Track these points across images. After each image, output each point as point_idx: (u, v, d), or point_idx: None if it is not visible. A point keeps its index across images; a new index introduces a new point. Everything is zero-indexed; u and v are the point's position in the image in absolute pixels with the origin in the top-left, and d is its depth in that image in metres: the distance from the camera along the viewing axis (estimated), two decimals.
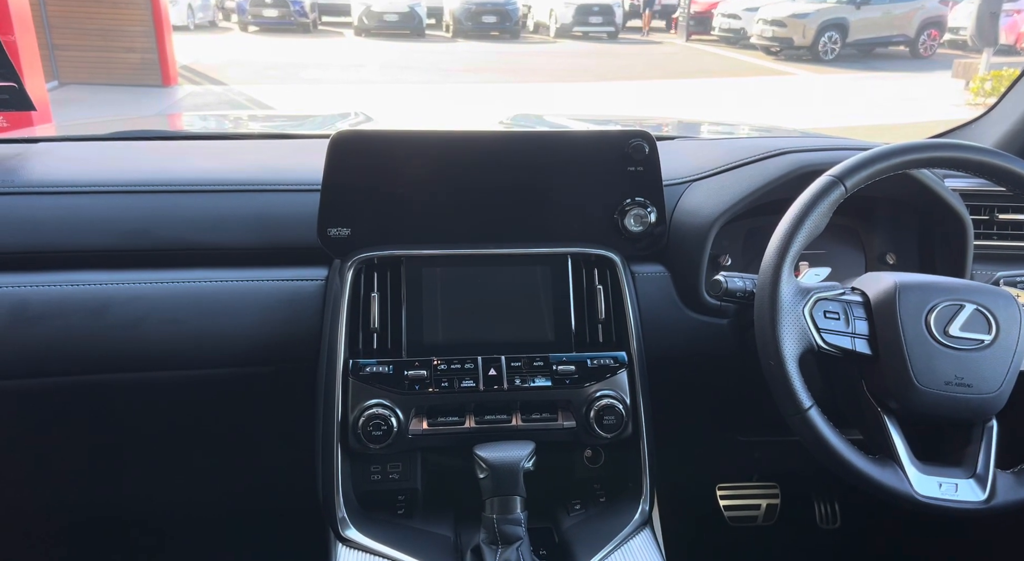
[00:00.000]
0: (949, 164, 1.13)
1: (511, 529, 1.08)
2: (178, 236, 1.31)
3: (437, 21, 20.82)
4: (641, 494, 1.23)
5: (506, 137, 1.32)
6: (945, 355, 1.06)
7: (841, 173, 1.10)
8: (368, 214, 1.27)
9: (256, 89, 11.20)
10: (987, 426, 1.10)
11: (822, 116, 9.85)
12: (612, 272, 1.30)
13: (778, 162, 1.37)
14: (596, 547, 1.15)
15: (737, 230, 1.43)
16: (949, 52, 16.21)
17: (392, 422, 1.16)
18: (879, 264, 1.49)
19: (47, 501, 1.58)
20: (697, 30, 20.25)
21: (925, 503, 1.04)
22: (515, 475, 1.09)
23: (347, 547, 1.14)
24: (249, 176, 1.39)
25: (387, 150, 1.27)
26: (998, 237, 1.54)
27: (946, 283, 1.12)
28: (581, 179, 1.32)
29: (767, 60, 16.29)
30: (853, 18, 15.82)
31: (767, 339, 1.07)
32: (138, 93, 10.75)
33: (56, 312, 1.21)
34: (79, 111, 9.21)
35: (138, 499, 1.64)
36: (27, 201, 1.29)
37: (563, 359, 1.24)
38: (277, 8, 18.68)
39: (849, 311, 1.11)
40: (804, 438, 1.07)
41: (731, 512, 1.99)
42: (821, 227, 1.10)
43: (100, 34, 11.01)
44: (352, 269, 1.24)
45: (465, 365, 1.21)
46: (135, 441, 1.41)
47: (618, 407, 1.21)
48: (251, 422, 1.40)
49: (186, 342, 1.25)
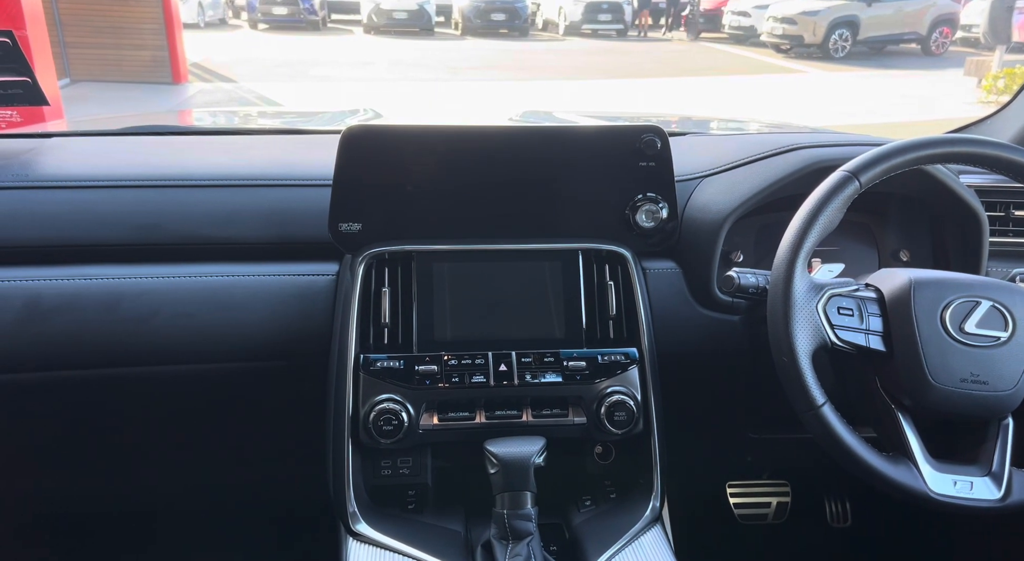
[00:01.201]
0: (965, 159, 1.12)
1: (521, 524, 1.08)
2: (190, 231, 1.31)
3: (446, 19, 20.84)
4: (652, 491, 1.23)
5: (517, 132, 1.32)
6: (960, 352, 1.05)
7: (855, 168, 1.09)
8: (379, 209, 1.27)
9: (266, 87, 11.24)
10: (1003, 424, 1.09)
11: (832, 114, 9.80)
12: (623, 268, 1.30)
13: (791, 158, 1.36)
14: (607, 543, 1.15)
15: (749, 226, 1.42)
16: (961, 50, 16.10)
17: (403, 417, 1.16)
18: (893, 261, 1.48)
19: (58, 494, 1.59)
20: (707, 28, 20.19)
21: (940, 501, 1.03)
22: (526, 470, 1.09)
23: (357, 541, 1.14)
24: (261, 171, 1.39)
25: (398, 145, 1.26)
26: (1014, 234, 1.53)
27: (961, 279, 1.11)
28: (592, 174, 1.31)
29: (777, 58, 16.22)
30: (864, 15, 15.73)
31: (780, 335, 1.06)
32: (149, 90, 10.80)
33: (69, 306, 1.22)
34: (91, 108, 9.25)
35: (148, 492, 1.64)
36: (40, 195, 1.30)
37: (574, 355, 1.23)
38: (287, 6, 18.75)
39: (863, 307, 1.10)
40: (817, 435, 1.06)
41: (741, 510, 1.98)
42: (835, 223, 1.10)
43: (111, 32, 11.06)
44: (363, 264, 1.24)
45: (475, 360, 1.21)
46: (146, 435, 1.42)
47: (629, 403, 1.20)
48: (262, 416, 1.40)
49: (198, 336, 1.26)
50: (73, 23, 10.87)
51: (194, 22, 17.34)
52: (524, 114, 2.28)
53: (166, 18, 11.17)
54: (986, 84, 10.51)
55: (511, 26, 19.36)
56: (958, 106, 10.11)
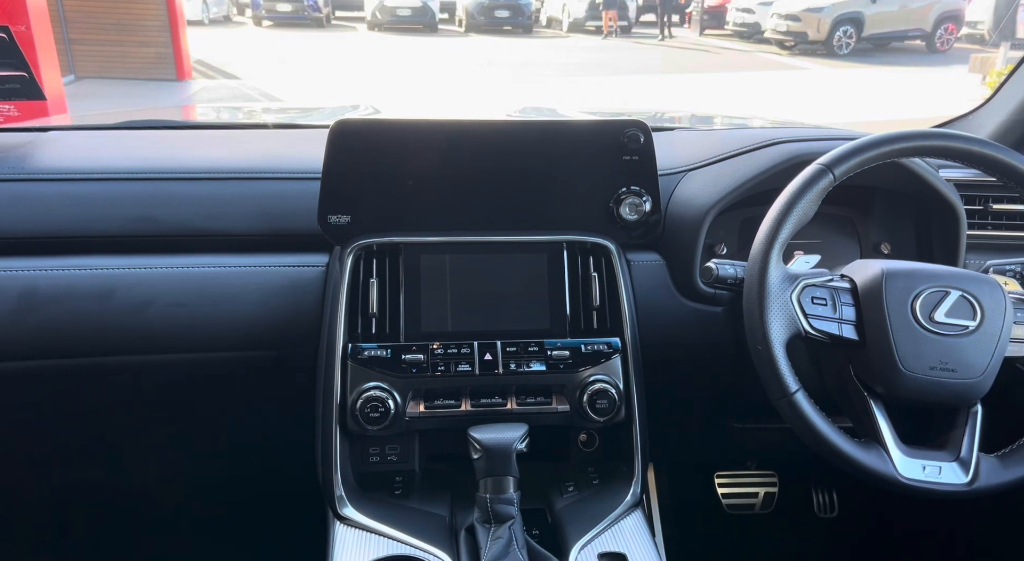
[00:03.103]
0: (937, 153, 1.14)
1: (503, 508, 1.10)
2: (183, 222, 1.34)
3: (450, 16, 20.84)
4: (633, 477, 1.26)
5: (503, 126, 1.34)
6: (930, 340, 1.08)
7: (829, 161, 1.12)
8: (367, 202, 1.30)
9: (269, 83, 11.27)
10: (972, 411, 1.12)
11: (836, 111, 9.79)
12: (607, 260, 1.33)
13: (770, 152, 1.38)
14: (587, 527, 1.18)
15: (732, 219, 1.45)
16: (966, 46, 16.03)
17: (390, 405, 1.19)
18: (874, 253, 1.50)
19: (49, 482, 1.62)
20: (711, 25, 20.16)
21: (908, 485, 1.06)
22: (508, 456, 1.11)
23: (345, 525, 1.17)
24: (252, 164, 1.42)
25: (386, 139, 1.29)
26: (992, 227, 1.55)
27: (932, 270, 1.14)
28: (577, 168, 1.34)
29: (782, 55, 16.19)
30: (868, 12, 15.68)
31: (755, 324, 1.09)
32: (153, 87, 10.84)
33: (64, 296, 1.25)
34: (95, 105, 9.29)
35: (139, 480, 1.67)
36: (36, 187, 1.33)
37: (558, 345, 1.26)
38: (291, 3, 18.78)
39: (836, 297, 1.13)
40: (790, 421, 1.09)
41: (729, 500, 2.01)
42: (810, 215, 1.12)
43: (116, 29, 11.11)
44: (352, 255, 1.27)
45: (462, 350, 1.24)
46: (138, 422, 1.44)
47: (611, 391, 1.23)
48: (253, 404, 1.43)
49: (190, 326, 1.29)
50: (78, 20, 10.92)
51: (198, 19, 17.38)
52: (524, 110, 2.31)
53: (170, 15, 11.22)
54: (991, 81, 10.46)
55: (515, 23, 19.36)
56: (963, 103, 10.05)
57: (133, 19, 11.14)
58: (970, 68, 12.12)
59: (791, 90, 11.85)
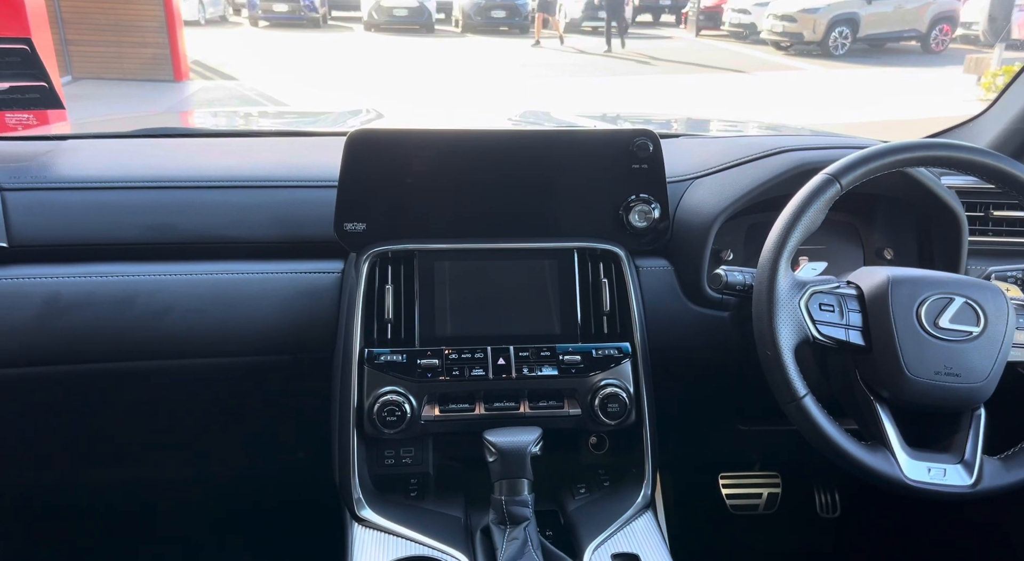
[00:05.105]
0: (940, 163, 1.17)
1: (519, 510, 1.12)
2: (201, 230, 1.36)
3: (447, 16, 20.84)
4: (644, 479, 1.28)
5: (516, 136, 1.37)
6: (935, 346, 1.11)
7: (836, 171, 1.15)
8: (382, 210, 1.32)
9: (267, 84, 11.27)
10: (975, 414, 1.14)
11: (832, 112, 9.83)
12: (617, 266, 1.35)
13: (777, 160, 1.41)
14: (600, 528, 1.20)
15: (739, 226, 1.47)
16: (961, 47, 16.12)
17: (405, 408, 1.21)
18: (877, 259, 1.53)
19: (71, 484, 1.64)
20: (707, 25, 20.20)
21: (914, 487, 1.09)
22: (523, 459, 1.13)
23: (362, 526, 1.20)
24: (268, 172, 1.44)
25: (401, 148, 1.31)
26: (993, 233, 1.58)
27: (937, 277, 1.16)
28: (587, 176, 1.36)
29: (777, 55, 16.24)
30: (864, 13, 15.76)
31: (764, 330, 1.11)
32: (150, 88, 10.83)
33: (86, 302, 1.27)
34: (93, 106, 9.27)
35: (158, 483, 1.69)
36: (58, 196, 1.35)
37: (569, 349, 1.29)
38: (287, 3, 18.77)
39: (843, 304, 1.15)
40: (799, 425, 1.12)
41: (733, 501, 2.03)
42: (818, 223, 1.15)
43: (113, 30, 11.09)
44: (367, 262, 1.30)
45: (475, 354, 1.27)
46: (158, 426, 1.46)
47: (622, 395, 1.25)
48: (271, 408, 1.45)
49: (209, 331, 1.31)
50: (75, 21, 10.90)
51: (195, 19, 17.36)
52: (523, 114, 2.33)
53: (167, 15, 11.21)
54: (985, 81, 10.55)
55: (511, 23, 19.38)
56: (958, 104, 10.13)
57: (130, 20, 11.13)
58: (965, 69, 12.20)
59: (787, 91, 11.88)
